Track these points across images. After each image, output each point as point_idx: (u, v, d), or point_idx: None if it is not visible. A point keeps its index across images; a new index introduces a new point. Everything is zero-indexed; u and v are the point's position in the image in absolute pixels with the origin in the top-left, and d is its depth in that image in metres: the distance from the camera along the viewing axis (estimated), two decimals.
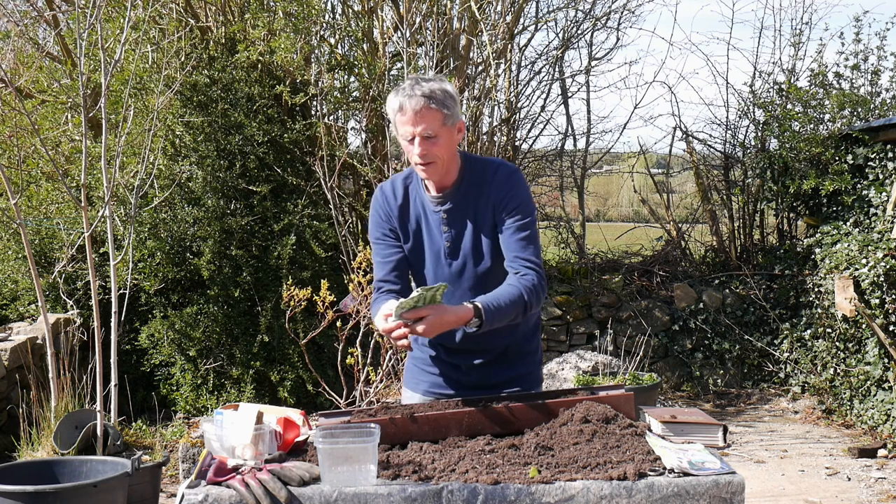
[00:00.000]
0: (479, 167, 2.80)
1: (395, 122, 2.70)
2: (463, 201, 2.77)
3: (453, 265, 2.79)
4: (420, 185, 2.82)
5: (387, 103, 2.75)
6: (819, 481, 5.46)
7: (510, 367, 2.88)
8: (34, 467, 4.00)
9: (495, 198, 2.74)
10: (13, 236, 6.60)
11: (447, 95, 2.67)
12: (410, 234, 2.81)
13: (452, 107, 2.68)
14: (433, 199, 2.79)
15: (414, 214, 2.81)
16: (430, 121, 2.64)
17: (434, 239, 2.79)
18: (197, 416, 6.40)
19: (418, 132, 2.65)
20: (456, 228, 2.77)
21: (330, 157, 6.54)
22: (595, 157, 9.41)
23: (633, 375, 6.23)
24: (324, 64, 6.88)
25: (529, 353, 2.94)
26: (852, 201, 6.61)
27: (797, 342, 7.30)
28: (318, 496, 2.14)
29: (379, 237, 2.83)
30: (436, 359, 2.90)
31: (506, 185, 2.75)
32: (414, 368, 2.98)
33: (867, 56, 7.34)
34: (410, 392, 2.96)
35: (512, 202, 2.73)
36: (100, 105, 4.71)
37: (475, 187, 2.77)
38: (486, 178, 2.77)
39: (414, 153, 2.67)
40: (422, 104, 2.63)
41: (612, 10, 8.56)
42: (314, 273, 6.43)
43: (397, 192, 2.83)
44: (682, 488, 2.16)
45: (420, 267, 2.83)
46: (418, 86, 2.65)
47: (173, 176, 6.44)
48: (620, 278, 7.89)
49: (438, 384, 2.89)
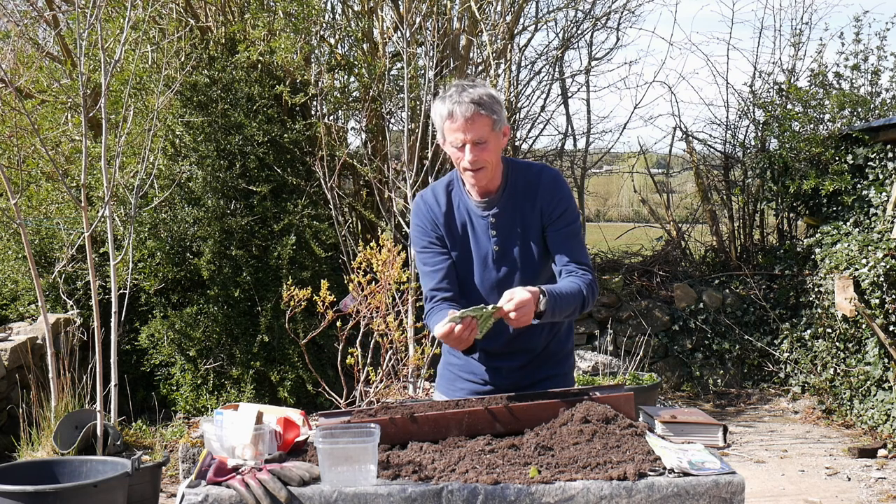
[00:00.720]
0: (521, 171, 2.82)
1: (444, 129, 2.69)
2: (510, 206, 2.78)
3: (502, 270, 2.79)
4: (463, 191, 2.81)
5: (433, 110, 2.74)
6: (819, 481, 5.46)
7: (547, 368, 2.89)
8: (34, 467, 4.00)
9: (542, 203, 2.76)
10: (13, 236, 6.60)
11: (494, 100, 2.68)
12: (457, 241, 2.80)
13: (500, 111, 2.70)
14: (479, 204, 2.79)
15: (459, 221, 2.80)
16: (480, 127, 2.65)
17: (481, 244, 2.79)
18: (197, 416, 6.40)
19: (469, 139, 2.65)
20: (504, 233, 2.78)
21: (330, 157, 6.54)
22: (595, 157, 9.41)
23: (633, 375, 6.23)
24: (324, 64, 6.88)
25: (566, 355, 2.95)
26: (852, 201, 6.61)
27: (797, 342, 7.30)
28: (318, 496, 2.14)
29: (426, 245, 2.81)
30: (475, 364, 2.88)
31: (552, 189, 2.78)
32: (450, 375, 2.96)
33: (867, 56, 7.34)
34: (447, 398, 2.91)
35: (559, 207, 2.76)
36: (100, 105, 4.71)
37: (521, 191, 2.78)
38: (531, 183, 2.78)
39: (465, 160, 2.67)
40: (472, 111, 2.63)
41: (612, 10, 8.57)
42: (314, 273, 6.43)
43: (440, 199, 2.81)
44: (682, 488, 2.16)
45: (466, 274, 2.81)
46: (466, 92, 2.65)
47: (173, 176, 6.44)
48: (620, 278, 7.89)
49: (478, 391, 2.87)
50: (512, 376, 2.86)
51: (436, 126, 2.75)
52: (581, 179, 8.87)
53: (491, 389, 2.86)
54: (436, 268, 2.78)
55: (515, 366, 2.85)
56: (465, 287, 2.82)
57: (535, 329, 2.76)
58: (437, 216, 2.80)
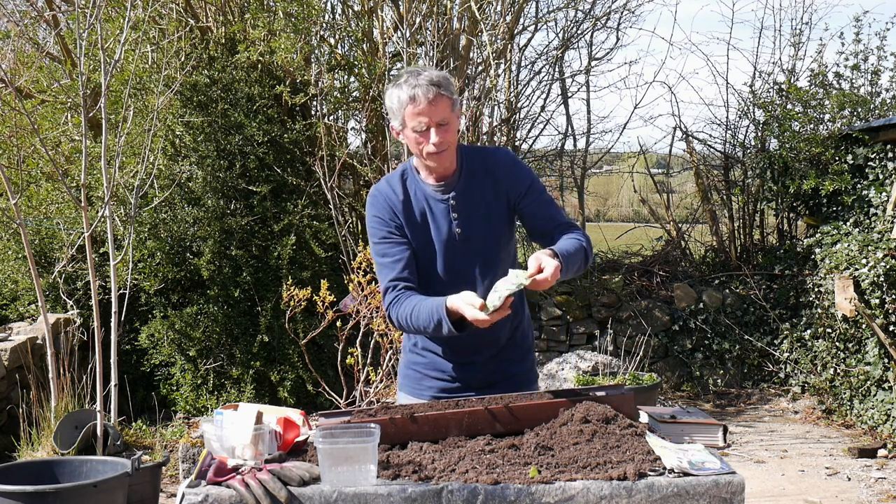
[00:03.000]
0: (476, 153, 2.84)
1: (405, 114, 2.66)
2: (468, 187, 2.78)
3: (465, 252, 2.76)
4: (418, 179, 2.80)
5: (390, 97, 2.70)
6: (819, 481, 5.46)
7: (513, 362, 2.88)
8: (34, 467, 4.00)
9: (507, 183, 2.77)
10: (13, 236, 6.60)
11: (449, 82, 2.69)
12: (417, 229, 2.77)
13: (455, 92, 2.72)
14: (436, 189, 2.78)
15: (418, 208, 2.78)
16: (442, 108, 2.65)
17: (442, 229, 2.76)
18: (197, 416, 6.40)
19: (434, 121, 2.65)
20: (465, 215, 2.76)
21: (330, 157, 6.54)
22: (595, 157, 9.40)
23: (633, 375, 6.23)
24: (324, 64, 6.88)
25: (528, 348, 2.94)
26: (852, 201, 6.60)
27: (797, 342, 7.30)
28: (318, 496, 2.14)
29: (385, 236, 2.76)
30: (442, 360, 2.86)
31: (513, 168, 2.81)
32: (415, 374, 2.91)
33: (867, 56, 7.34)
34: (414, 399, 2.88)
35: (525, 181, 2.79)
36: (100, 105, 4.71)
37: (479, 173, 2.78)
38: (489, 165, 2.79)
39: (430, 142, 2.66)
40: (434, 92, 2.62)
41: (612, 10, 8.57)
42: (314, 273, 6.43)
43: (396, 189, 2.79)
44: (682, 488, 2.16)
45: (428, 262, 2.78)
46: (423, 76, 2.65)
47: (173, 176, 6.44)
48: (620, 278, 7.89)
49: (447, 388, 2.85)
50: (480, 371, 2.84)
51: (393, 113, 2.71)
52: (581, 179, 8.87)
53: (459, 386, 2.83)
54: (396, 258, 2.73)
55: (482, 360, 2.83)
56: (427, 277, 2.77)
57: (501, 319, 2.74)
58: (396, 205, 2.77)
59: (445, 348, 2.84)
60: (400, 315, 2.68)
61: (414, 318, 2.63)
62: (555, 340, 7.68)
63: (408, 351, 2.94)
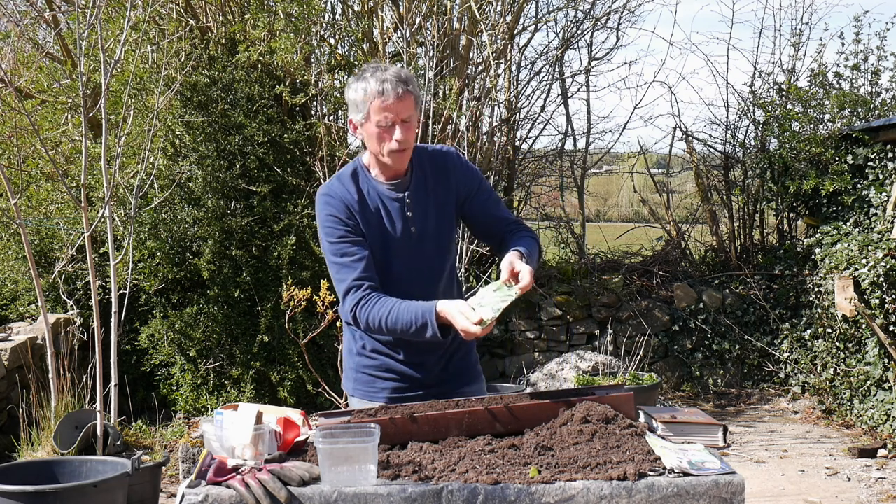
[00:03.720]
0: (425, 153, 2.83)
1: (371, 107, 2.62)
2: (421, 186, 2.78)
3: (422, 249, 2.75)
4: (369, 177, 2.78)
5: (355, 89, 2.65)
6: (819, 481, 5.46)
7: (459, 358, 2.87)
8: (34, 467, 4.00)
9: (457, 182, 2.80)
10: (13, 236, 6.60)
11: (413, 79, 2.68)
12: (373, 227, 2.73)
13: (418, 89, 2.71)
14: (390, 187, 2.76)
15: (372, 206, 2.74)
16: (408, 105, 2.63)
17: (397, 226, 2.74)
18: (197, 416, 6.40)
19: (400, 117, 2.63)
20: (419, 213, 2.76)
21: (330, 157, 6.53)
22: (595, 157, 9.41)
23: (633, 375, 6.23)
24: (324, 64, 6.88)
25: (471, 344, 2.91)
26: (852, 201, 6.60)
27: (797, 342, 7.30)
28: (318, 496, 2.14)
29: (343, 235, 2.69)
30: (393, 362, 2.81)
31: (463, 167, 2.84)
32: (366, 377, 2.84)
33: (867, 56, 7.34)
34: (366, 402, 2.81)
35: (474, 180, 2.83)
36: (100, 105, 4.71)
37: (430, 172, 2.79)
38: (439, 164, 2.80)
39: (393, 139, 2.64)
40: (402, 88, 2.61)
41: (612, 10, 8.57)
42: (314, 273, 6.43)
43: (349, 188, 2.74)
44: (682, 488, 2.16)
45: (383, 258, 2.74)
46: (389, 71, 2.63)
47: (173, 176, 6.44)
48: (620, 278, 7.89)
49: (399, 388, 2.81)
50: (431, 370, 2.81)
51: (355, 106, 2.67)
52: (581, 179, 8.87)
53: (410, 386, 2.80)
54: (356, 257, 2.67)
55: (434, 359, 2.81)
56: (382, 276, 2.72)
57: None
58: (352, 204, 2.72)
59: (398, 349, 2.80)
60: (372, 316, 2.62)
61: (391, 320, 2.58)
62: (555, 340, 7.68)
63: (355, 354, 2.87)
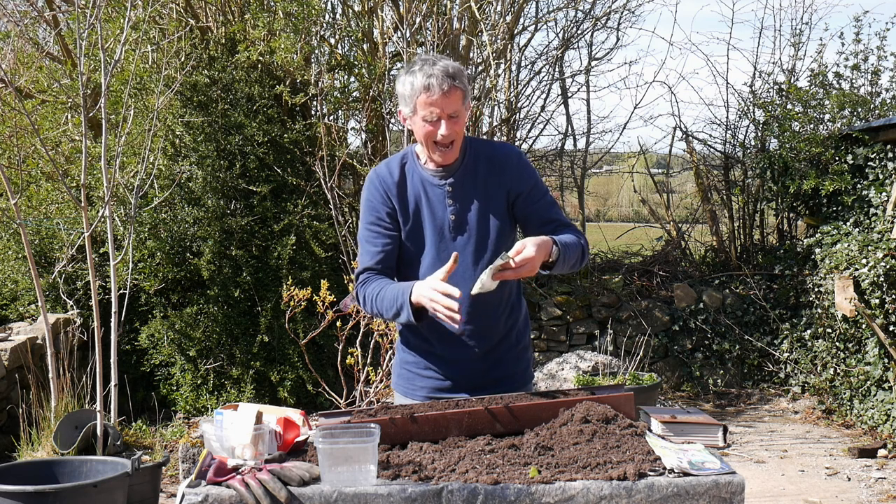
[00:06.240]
0: (482, 145, 2.82)
1: (417, 102, 2.63)
2: (469, 176, 2.75)
3: (458, 240, 2.74)
4: (417, 164, 2.78)
5: (400, 83, 2.67)
6: (819, 481, 5.46)
7: (507, 362, 2.85)
8: (34, 467, 4.00)
9: (511, 180, 2.76)
10: (13, 236, 6.60)
11: (463, 73, 2.67)
12: (410, 214, 2.75)
13: (468, 84, 2.70)
14: (435, 173, 2.75)
15: (413, 193, 2.75)
16: (455, 100, 2.63)
17: (437, 215, 2.74)
18: (197, 416, 6.40)
19: (446, 112, 2.63)
20: (461, 202, 2.74)
21: (330, 157, 6.54)
22: (595, 157, 9.41)
23: (633, 375, 6.23)
24: (324, 64, 6.88)
25: (524, 349, 2.91)
26: (852, 201, 6.60)
27: (797, 342, 7.30)
28: (318, 496, 2.14)
29: (373, 221, 2.75)
30: (434, 359, 2.83)
31: (520, 166, 2.79)
32: (408, 374, 2.89)
33: (867, 56, 7.34)
34: (408, 399, 2.86)
35: (530, 180, 2.78)
36: (100, 105, 4.71)
37: (483, 164, 2.76)
38: (495, 159, 2.77)
39: (439, 133, 2.64)
40: (449, 84, 2.60)
41: (612, 10, 8.57)
42: (314, 273, 6.43)
43: (394, 172, 2.78)
44: (682, 488, 2.16)
45: (419, 248, 2.75)
46: (437, 65, 2.62)
47: (173, 176, 6.44)
48: (620, 278, 7.89)
49: (439, 387, 2.82)
50: (470, 368, 2.80)
51: (403, 99, 2.69)
52: (581, 179, 8.87)
53: (451, 385, 2.81)
54: (378, 249, 2.73)
55: (472, 357, 2.79)
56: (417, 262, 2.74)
57: (493, 311, 2.74)
58: (390, 187, 2.75)
59: (437, 343, 2.80)
60: (367, 294, 2.71)
61: (378, 299, 2.65)
62: (555, 340, 7.68)
63: (400, 350, 2.92)
